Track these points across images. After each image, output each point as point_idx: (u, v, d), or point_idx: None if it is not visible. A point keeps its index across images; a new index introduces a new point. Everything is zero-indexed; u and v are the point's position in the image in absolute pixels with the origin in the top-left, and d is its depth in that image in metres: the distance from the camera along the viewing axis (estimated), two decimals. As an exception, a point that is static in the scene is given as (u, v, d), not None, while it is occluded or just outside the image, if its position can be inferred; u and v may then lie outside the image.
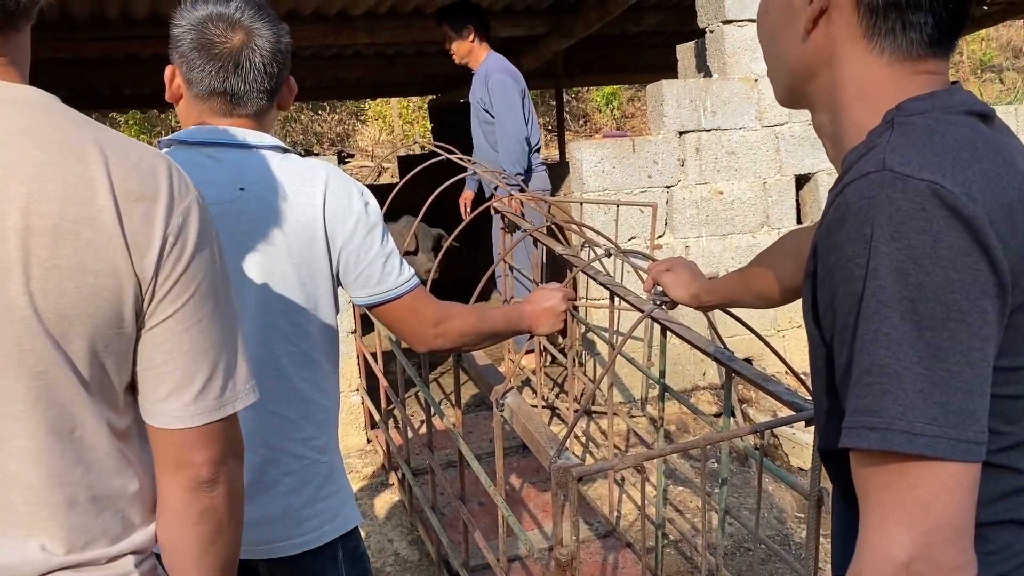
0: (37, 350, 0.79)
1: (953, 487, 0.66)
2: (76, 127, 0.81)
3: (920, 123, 0.74)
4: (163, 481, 0.93)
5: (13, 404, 0.80)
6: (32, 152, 0.77)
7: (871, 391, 0.68)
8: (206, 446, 0.91)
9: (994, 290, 0.67)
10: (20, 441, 0.81)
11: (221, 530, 0.95)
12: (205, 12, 1.34)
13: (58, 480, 0.83)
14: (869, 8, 0.79)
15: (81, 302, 0.80)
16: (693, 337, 2.05)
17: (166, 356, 0.87)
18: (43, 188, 0.77)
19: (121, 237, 0.81)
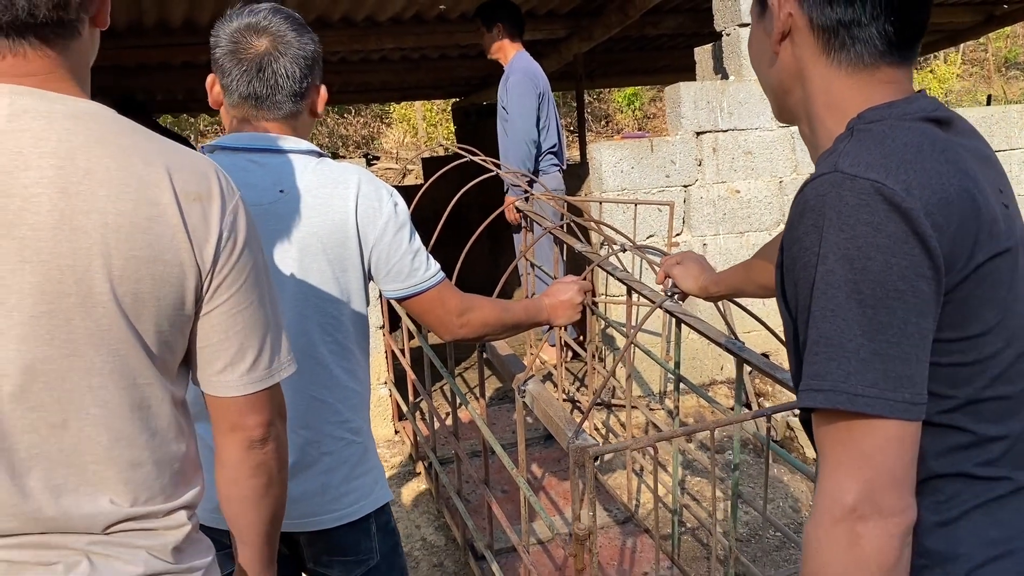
0: (114, 330, 0.91)
1: (893, 442, 0.77)
2: (141, 137, 0.94)
3: (876, 129, 0.85)
4: (221, 443, 1.07)
5: (93, 377, 0.92)
6: (106, 159, 0.89)
7: (819, 359, 0.79)
8: (257, 411, 1.05)
9: (929, 272, 0.77)
10: (95, 409, 0.93)
11: (272, 482, 1.10)
12: (238, 23, 1.46)
13: (126, 443, 0.95)
14: (822, 28, 0.90)
15: (153, 288, 0.92)
16: (707, 329, 2.16)
17: (222, 335, 1.00)
18: (119, 191, 0.89)
19: (184, 232, 0.93)
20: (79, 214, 0.87)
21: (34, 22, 0.89)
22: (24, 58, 0.90)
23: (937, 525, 0.83)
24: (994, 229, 0.81)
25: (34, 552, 0.93)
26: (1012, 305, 0.82)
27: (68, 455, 0.92)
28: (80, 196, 0.87)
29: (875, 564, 0.77)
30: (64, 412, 0.91)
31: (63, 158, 0.87)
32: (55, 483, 0.92)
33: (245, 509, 1.10)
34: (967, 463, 0.82)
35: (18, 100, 0.88)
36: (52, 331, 0.89)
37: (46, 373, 0.89)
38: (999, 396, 0.82)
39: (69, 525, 0.93)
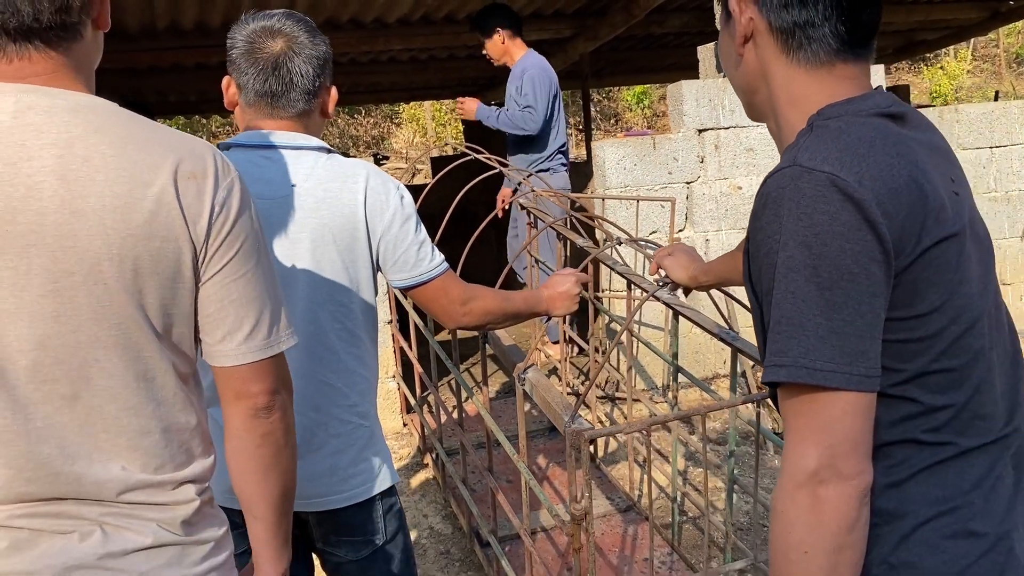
0: (116, 305, 0.98)
1: (850, 412, 0.84)
2: (136, 125, 1.01)
3: (833, 125, 0.91)
4: (228, 413, 1.13)
5: (98, 350, 0.99)
6: (103, 147, 0.96)
7: (781, 337, 0.86)
8: (260, 379, 1.10)
9: (880, 257, 0.84)
10: (102, 380, 1.00)
11: (279, 452, 1.15)
12: (253, 26, 1.55)
13: (133, 412, 1.02)
14: (779, 29, 0.97)
15: (151, 264, 0.99)
16: (703, 320, 2.23)
17: (219, 304, 1.06)
18: (115, 175, 0.96)
19: (179, 209, 1.00)
20: (78, 198, 0.94)
21: (39, 26, 0.96)
22: (29, 60, 0.97)
23: (888, 487, 0.90)
24: (941, 215, 0.88)
25: (52, 520, 0.99)
26: (957, 287, 0.89)
27: (80, 424, 0.99)
28: (79, 182, 0.95)
29: (835, 523, 0.84)
30: (74, 384, 0.98)
31: (63, 148, 0.95)
32: (69, 451, 0.99)
33: (254, 480, 1.15)
34: (916, 430, 0.89)
35: (23, 97, 0.95)
36: (59, 308, 0.96)
37: (55, 348, 0.96)
38: (945, 369, 0.89)
39: (83, 491, 1.00)
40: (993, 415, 0.92)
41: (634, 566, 2.69)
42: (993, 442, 0.91)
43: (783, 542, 0.86)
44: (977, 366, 0.90)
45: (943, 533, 0.89)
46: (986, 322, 0.92)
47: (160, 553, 1.04)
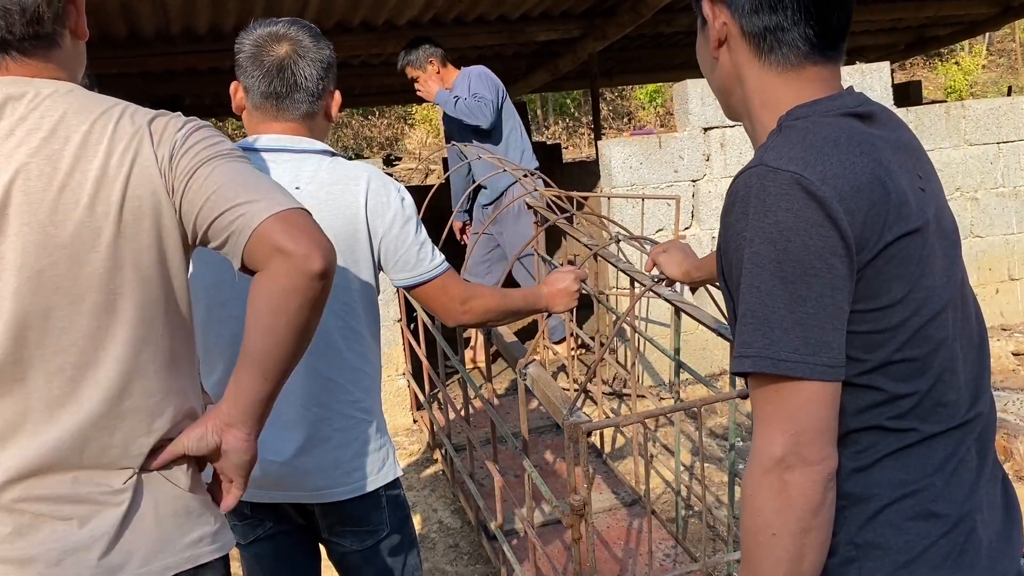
0: (111, 271, 1.04)
1: (815, 400, 0.88)
2: (109, 103, 1.08)
3: (800, 126, 0.95)
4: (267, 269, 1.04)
5: (100, 317, 1.04)
6: (81, 126, 1.04)
7: (747, 329, 0.90)
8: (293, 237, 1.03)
9: (842, 252, 0.88)
10: (109, 345, 1.05)
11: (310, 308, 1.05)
12: (259, 32, 1.62)
13: (140, 376, 1.08)
14: (751, 34, 1.01)
15: (135, 223, 1.05)
16: (703, 316, 2.27)
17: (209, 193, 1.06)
18: (93, 149, 1.03)
19: (155, 162, 1.06)
20: (63, 174, 1.02)
21: (12, 38, 1.05)
22: (6, 70, 1.06)
23: (855, 471, 0.94)
24: (903, 211, 0.91)
25: (54, 505, 1.04)
26: (920, 279, 0.92)
27: (94, 392, 1.05)
28: (64, 160, 1.02)
29: (801, 507, 0.89)
30: (83, 353, 1.04)
31: (47, 130, 1.03)
32: (84, 418, 1.05)
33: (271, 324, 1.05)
34: (880, 417, 0.93)
35: (11, 88, 1.04)
36: (56, 280, 1.02)
37: (60, 319, 1.03)
38: (908, 359, 0.92)
39: (87, 460, 1.05)
40: (956, 402, 0.96)
41: (638, 559, 2.73)
42: (956, 427, 0.95)
43: (752, 525, 0.91)
44: (939, 355, 0.94)
45: (906, 515, 0.93)
46: (950, 313, 0.96)
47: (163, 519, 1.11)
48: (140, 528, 1.09)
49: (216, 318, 1.61)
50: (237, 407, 1.09)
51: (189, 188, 1.07)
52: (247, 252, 1.04)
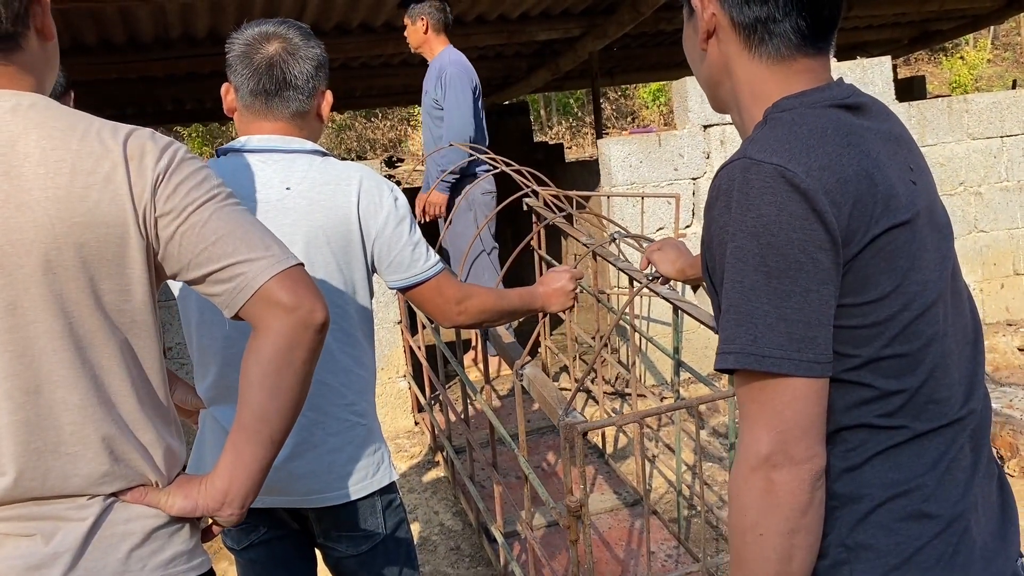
0: (67, 293, 1.00)
1: (801, 397, 0.86)
2: (76, 119, 1.04)
3: (786, 118, 0.93)
4: (263, 325, 1.05)
5: (54, 340, 0.99)
6: (43, 142, 1.00)
7: (730, 325, 0.88)
8: (289, 290, 1.04)
9: (828, 245, 0.86)
10: (62, 371, 1.00)
11: (304, 364, 1.06)
12: (249, 32, 1.60)
13: (97, 402, 1.03)
14: (742, 25, 0.99)
15: (99, 248, 1.01)
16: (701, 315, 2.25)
17: (207, 244, 1.05)
18: (55, 167, 0.99)
19: (127, 188, 1.02)
20: (22, 192, 0.98)
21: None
22: None
23: (844, 471, 0.92)
24: (891, 204, 0.89)
25: (16, 524, 1.00)
26: (909, 273, 0.90)
27: (45, 418, 1.01)
28: (22, 177, 0.98)
29: (788, 506, 0.87)
30: (36, 377, 1.00)
31: (4, 146, 0.98)
32: (35, 446, 1.00)
33: (267, 382, 1.05)
34: (870, 415, 0.91)
35: None
36: (13, 301, 0.98)
37: (13, 342, 0.98)
38: (897, 354, 0.90)
39: (48, 487, 1.01)
40: (948, 399, 0.94)
41: (640, 559, 2.71)
42: (948, 425, 0.93)
43: (739, 524, 0.89)
44: (930, 351, 0.92)
45: (897, 515, 0.91)
46: (941, 308, 0.94)
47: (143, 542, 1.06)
48: (107, 546, 1.04)
49: (208, 320, 1.60)
50: (236, 483, 1.08)
51: (180, 232, 1.05)
52: (246, 308, 1.05)
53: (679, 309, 2.39)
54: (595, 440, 3.52)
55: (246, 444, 1.07)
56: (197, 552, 1.14)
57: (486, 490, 3.05)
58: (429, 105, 4.14)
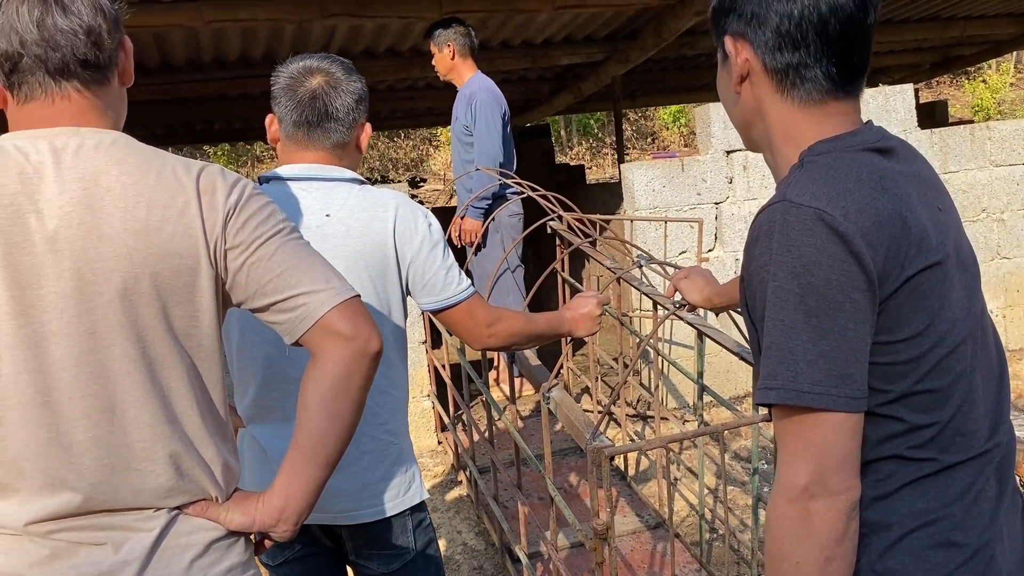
0: (142, 319, 1.07)
1: (838, 431, 0.90)
2: (152, 154, 1.12)
3: (822, 161, 0.97)
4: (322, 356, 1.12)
5: (128, 363, 1.07)
6: (123, 177, 1.08)
7: (772, 362, 0.92)
8: (349, 320, 1.12)
9: (864, 286, 0.90)
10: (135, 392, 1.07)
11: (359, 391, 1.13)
12: (294, 66, 1.67)
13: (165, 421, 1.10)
14: (774, 70, 1.03)
15: (172, 278, 1.09)
16: (725, 340, 2.28)
17: (274, 276, 1.12)
18: (134, 201, 1.07)
19: (200, 222, 1.10)
20: (104, 224, 1.05)
21: (76, 63, 1.09)
22: (69, 100, 1.10)
23: (875, 499, 0.95)
24: (924, 245, 0.93)
25: (88, 533, 1.07)
26: (940, 312, 0.94)
27: (118, 435, 1.08)
28: (104, 210, 1.06)
29: (825, 536, 0.90)
30: (111, 397, 1.07)
31: (89, 181, 1.06)
32: (107, 461, 1.07)
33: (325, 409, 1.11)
34: (901, 447, 0.95)
35: (56, 140, 1.08)
36: (92, 326, 1.05)
37: (92, 364, 1.06)
38: (928, 390, 0.94)
39: (119, 500, 1.08)
40: (975, 432, 0.97)
41: (662, 582, 2.73)
42: (975, 457, 0.96)
43: (777, 553, 0.92)
44: (959, 386, 0.95)
45: (926, 543, 0.94)
46: (969, 345, 0.97)
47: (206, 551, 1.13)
48: (171, 555, 1.10)
49: (249, 341, 1.65)
50: (292, 501, 1.14)
51: (248, 264, 1.13)
52: (307, 336, 1.12)
53: (703, 334, 2.42)
54: (618, 463, 3.54)
55: (304, 465, 1.13)
56: (250, 565, 1.20)
57: (509, 510, 3.08)
58: (459, 130, 4.19)
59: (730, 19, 1.06)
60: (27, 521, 1.05)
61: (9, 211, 1.03)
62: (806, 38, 0.99)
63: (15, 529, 1.05)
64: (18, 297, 1.03)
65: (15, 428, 1.04)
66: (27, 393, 1.04)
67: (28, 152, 1.06)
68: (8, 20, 1.05)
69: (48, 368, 1.05)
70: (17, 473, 1.05)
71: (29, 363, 1.04)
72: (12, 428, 1.04)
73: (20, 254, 1.03)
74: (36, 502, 1.05)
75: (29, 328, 1.04)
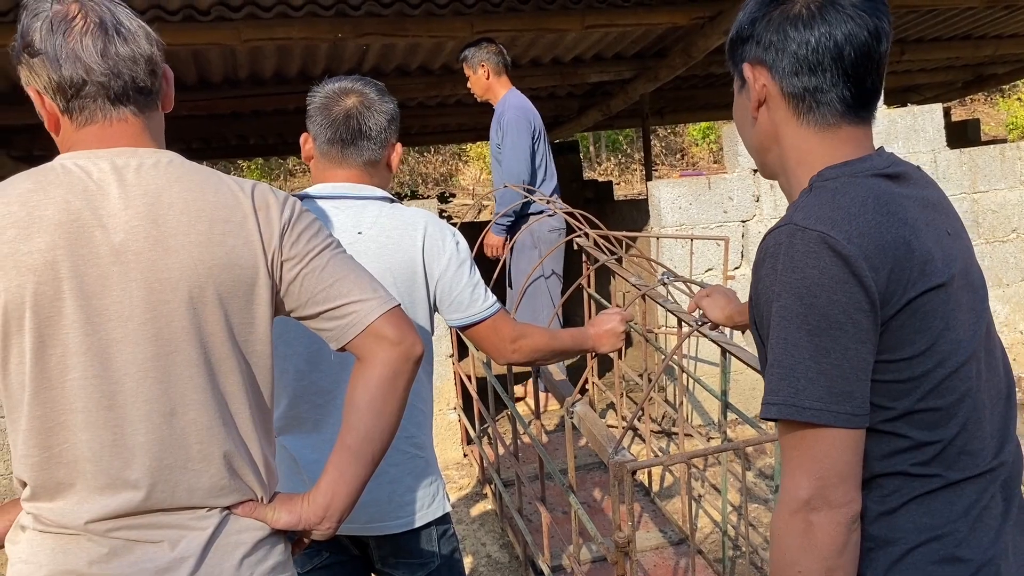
0: (205, 327, 1.14)
1: (839, 446, 0.93)
2: (207, 174, 1.20)
3: (830, 186, 1.01)
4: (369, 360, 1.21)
5: (191, 367, 1.14)
6: (184, 193, 1.15)
7: (774, 378, 0.96)
8: (396, 326, 1.21)
9: (867, 307, 0.94)
10: (195, 395, 1.14)
11: (403, 391, 1.22)
12: (330, 87, 1.74)
13: (221, 423, 1.18)
14: (791, 95, 1.07)
15: (233, 288, 1.16)
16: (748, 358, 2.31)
17: (326, 286, 1.21)
18: (196, 216, 1.14)
19: (258, 235, 1.18)
20: (168, 237, 1.13)
21: (136, 85, 1.17)
22: (126, 123, 1.18)
23: (881, 515, 0.99)
24: (927, 268, 0.97)
25: (145, 531, 1.13)
26: (943, 332, 0.97)
27: (177, 437, 1.14)
28: (168, 224, 1.13)
29: (825, 548, 0.94)
30: (172, 401, 1.14)
31: (152, 196, 1.14)
32: (167, 462, 1.14)
33: (372, 408, 1.19)
34: (905, 463, 0.98)
35: (117, 160, 1.15)
36: (157, 333, 1.12)
37: (156, 369, 1.12)
38: (931, 408, 0.97)
39: (176, 499, 1.14)
40: (980, 451, 1.00)
41: (685, 598, 2.74)
42: (980, 475, 0.99)
43: (780, 564, 0.96)
44: (963, 405, 0.98)
45: (931, 559, 0.97)
46: (974, 365, 1.00)
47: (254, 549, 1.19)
48: (224, 552, 1.17)
49: (281, 355, 1.71)
50: (337, 499, 1.21)
51: (303, 275, 1.21)
52: (356, 341, 1.21)
53: (727, 351, 2.45)
54: (641, 478, 3.56)
55: (349, 463, 1.20)
56: (290, 564, 1.26)
57: (533, 523, 3.11)
58: (494, 149, 4.28)
59: (748, 47, 1.10)
60: (88, 520, 1.11)
61: (76, 226, 1.10)
62: (822, 63, 1.03)
63: (75, 528, 1.11)
64: (85, 307, 1.09)
65: (79, 430, 1.11)
66: (93, 397, 1.10)
67: (90, 171, 1.13)
68: (72, 49, 1.12)
69: (113, 373, 1.11)
70: (78, 474, 1.11)
71: (95, 368, 1.10)
72: (76, 430, 1.11)
73: (87, 266, 1.10)
74: (97, 501, 1.11)
75: (95, 336, 1.10)
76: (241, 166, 15.10)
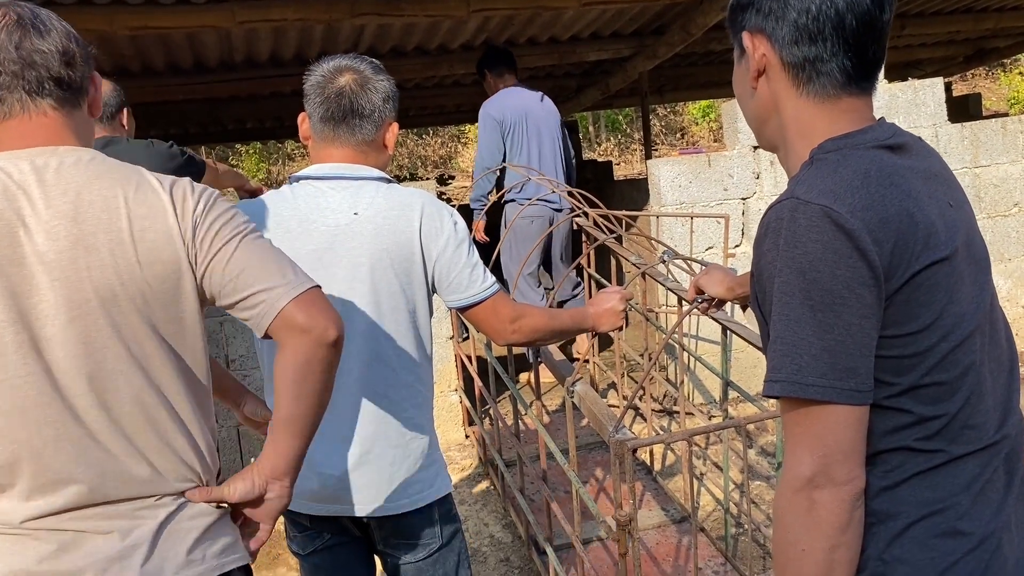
0: (131, 324, 1.16)
1: (842, 423, 0.92)
2: (128, 170, 1.21)
3: (831, 159, 0.99)
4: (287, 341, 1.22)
5: (121, 363, 1.16)
6: (103, 191, 1.16)
7: (777, 355, 0.95)
8: (307, 311, 1.20)
9: (870, 281, 0.92)
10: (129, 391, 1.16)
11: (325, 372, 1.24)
12: (326, 66, 1.72)
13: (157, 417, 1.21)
14: (791, 65, 1.04)
15: (156, 284, 1.17)
16: (749, 335, 2.30)
17: (234, 276, 1.21)
18: (115, 212, 1.15)
19: (178, 227, 1.19)
20: (89, 236, 1.14)
21: (50, 80, 1.18)
22: (45, 116, 1.19)
23: (883, 490, 0.98)
24: (931, 241, 0.95)
25: (93, 522, 1.15)
26: (947, 306, 0.96)
27: (117, 431, 1.17)
28: (88, 222, 1.14)
29: (829, 525, 0.93)
30: (107, 395, 1.16)
31: (73, 194, 1.14)
32: (110, 455, 1.16)
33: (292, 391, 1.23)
34: (909, 439, 0.97)
35: (36, 160, 1.17)
36: (84, 331, 1.14)
37: (87, 366, 1.14)
38: (936, 382, 0.96)
39: (121, 490, 1.17)
40: (983, 424, 0.99)
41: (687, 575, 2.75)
42: (982, 449, 0.98)
43: (783, 541, 0.95)
44: (967, 379, 0.97)
45: (932, 532, 0.96)
46: (978, 338, 0.99)
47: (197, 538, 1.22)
48: (176, 538, 1.20)
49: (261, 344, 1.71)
50: (280, 463, 1.27)
51: (213, 267, 1.21)
52: (271, 329, 1.22)
53: (728, 329, 2.44)
54: (643, 457, 3.56)
55: (281, 436, 1.26)
56: (238, 546, 1.29)
57: (535, 503, 3.12)
58: None
59: (748, 15, 1.08)
60: (25, 518, 1.13)
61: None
62: (823, 32, 1.01)
63: (12, 527, 1.13)
64: (13, 306, 1.11)
65: (14, 430, 1.12)
66: (29, 395, 1.12)
67: (11, 172, 1.14)
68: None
69: (49, 371, 1.13)
70: (18, 474, 1.13)
71: (28, 367, 1.12)
72: (15, 430, 1.12)
73: (12, 267, 1.11)
74: (38, 499, 1.13)
75: (26, 334, 1.11)
76: (239, 150, 15.05)
